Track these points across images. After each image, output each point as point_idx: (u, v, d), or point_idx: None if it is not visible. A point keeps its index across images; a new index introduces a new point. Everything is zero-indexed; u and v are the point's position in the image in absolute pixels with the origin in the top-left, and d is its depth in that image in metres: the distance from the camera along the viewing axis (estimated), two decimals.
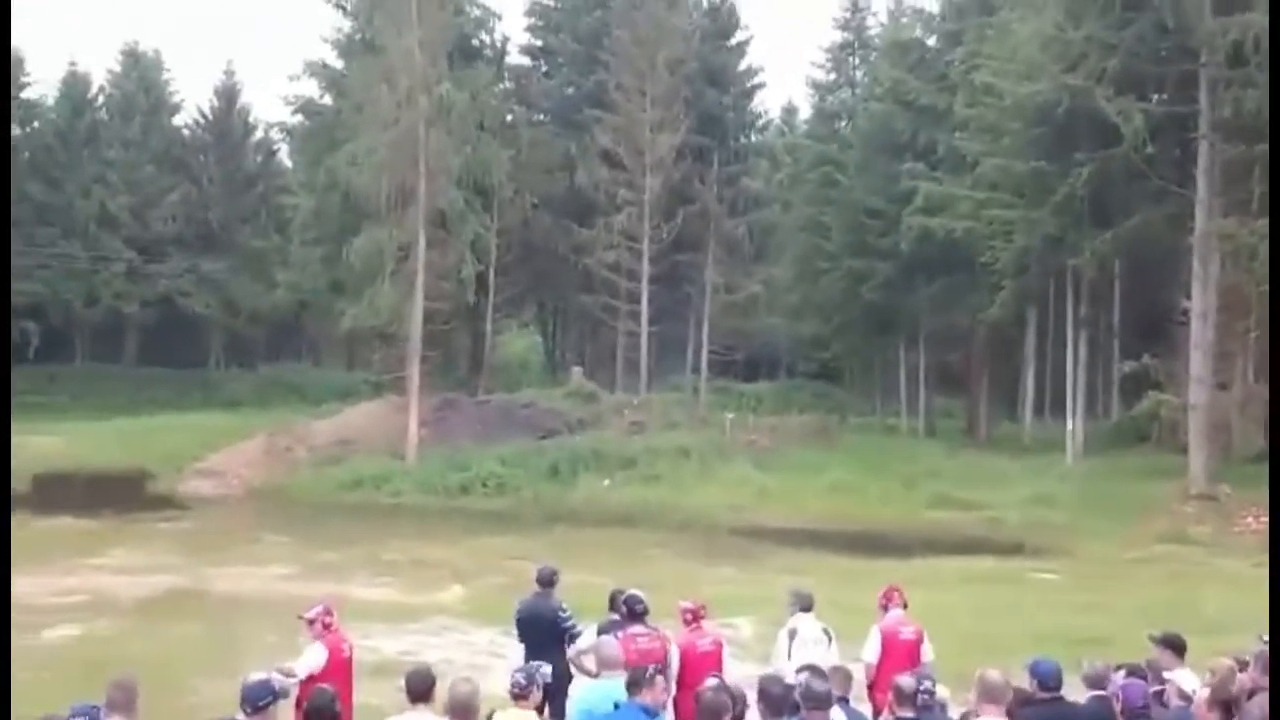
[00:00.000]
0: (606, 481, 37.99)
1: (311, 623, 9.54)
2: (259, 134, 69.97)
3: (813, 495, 35.20)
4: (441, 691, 7.04)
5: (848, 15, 60.39)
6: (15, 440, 40.87)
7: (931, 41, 50.09)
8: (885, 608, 10.67)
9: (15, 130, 60.59)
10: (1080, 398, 39.77)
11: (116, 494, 37.65)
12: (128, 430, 46.42)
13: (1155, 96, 34.28)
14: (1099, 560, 26.84)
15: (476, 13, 53.86)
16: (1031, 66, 36.80)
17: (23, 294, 54.37)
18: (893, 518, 32.69)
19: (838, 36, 60.66)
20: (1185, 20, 31.44)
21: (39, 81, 64.75)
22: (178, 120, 69.63)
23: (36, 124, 64.61)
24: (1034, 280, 40.37)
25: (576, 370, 51.08)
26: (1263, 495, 24.30)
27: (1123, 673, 8.05)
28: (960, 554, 26.99)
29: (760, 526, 32.63)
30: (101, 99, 66.84)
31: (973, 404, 50.54)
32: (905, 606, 10.67)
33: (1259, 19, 29.50)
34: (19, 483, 36.47)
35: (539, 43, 60.74)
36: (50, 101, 65.19)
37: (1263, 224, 29.02)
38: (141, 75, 67.30)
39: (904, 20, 54.41)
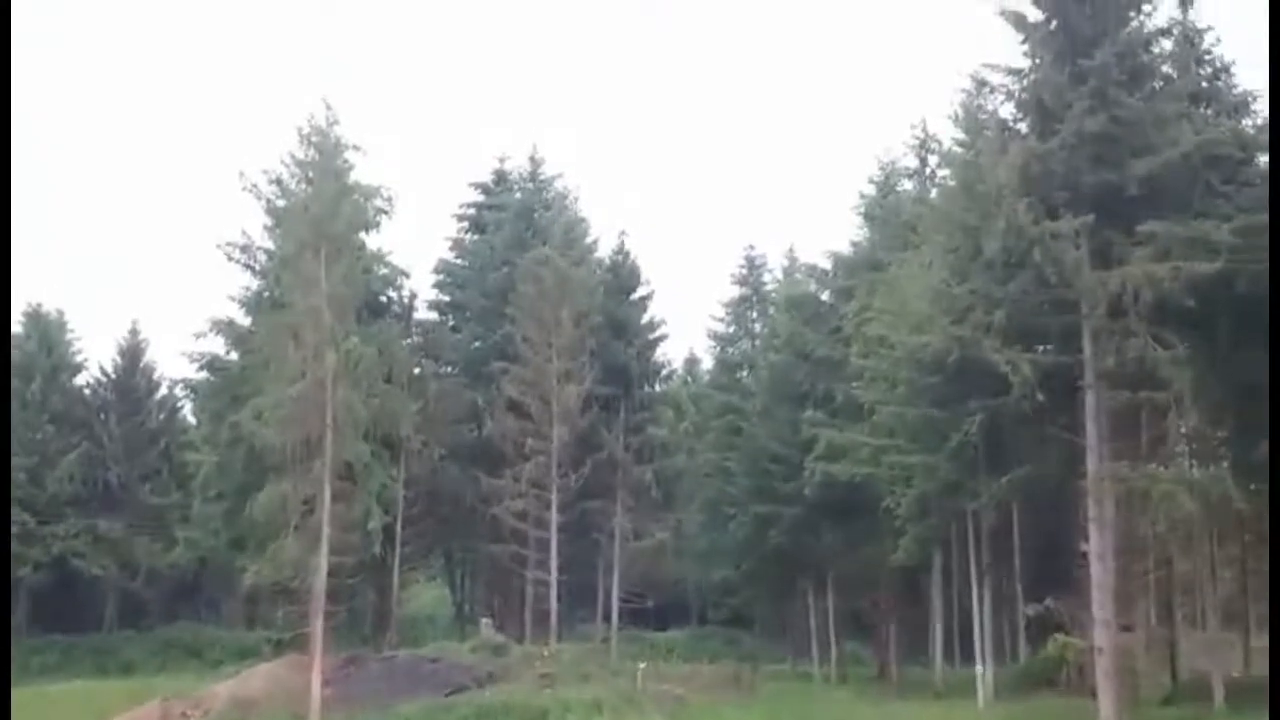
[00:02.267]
0: None
1: None
2: (162, 391, 69.75)
3: None
4: None
5: (745, 272, 62.92)
6: None
7: (825, 296, 52.11)
8: None
9: None
10: (988, 641, 40.03)
11: None
12: (15, 701, 44.38)
13: (1041, 347, 35.64)
14: None
15: (384, 271, 55.02)
16: (921, 319, 38.18)
17: None
18: None
19: (735, 291, 63.05)
20: (1065, 275, 33.00)
21: None
22: (79, 379, 69.27)
23: None
24: (935, 524, 40.96)
25: (485, 622, 50.37)
26: None
27: None
28: None
29: None
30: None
31: (882, 648, 50.54)
32: None
33: (1135, 272, 31.25)
34: None
35: (446, 298, 62.14)
36: None
37: (1153, 468, 30.11)
38: (43, 335, 67.19)
39: (798, 276, 56.79)
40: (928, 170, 48.89)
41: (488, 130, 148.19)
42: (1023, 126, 37.01)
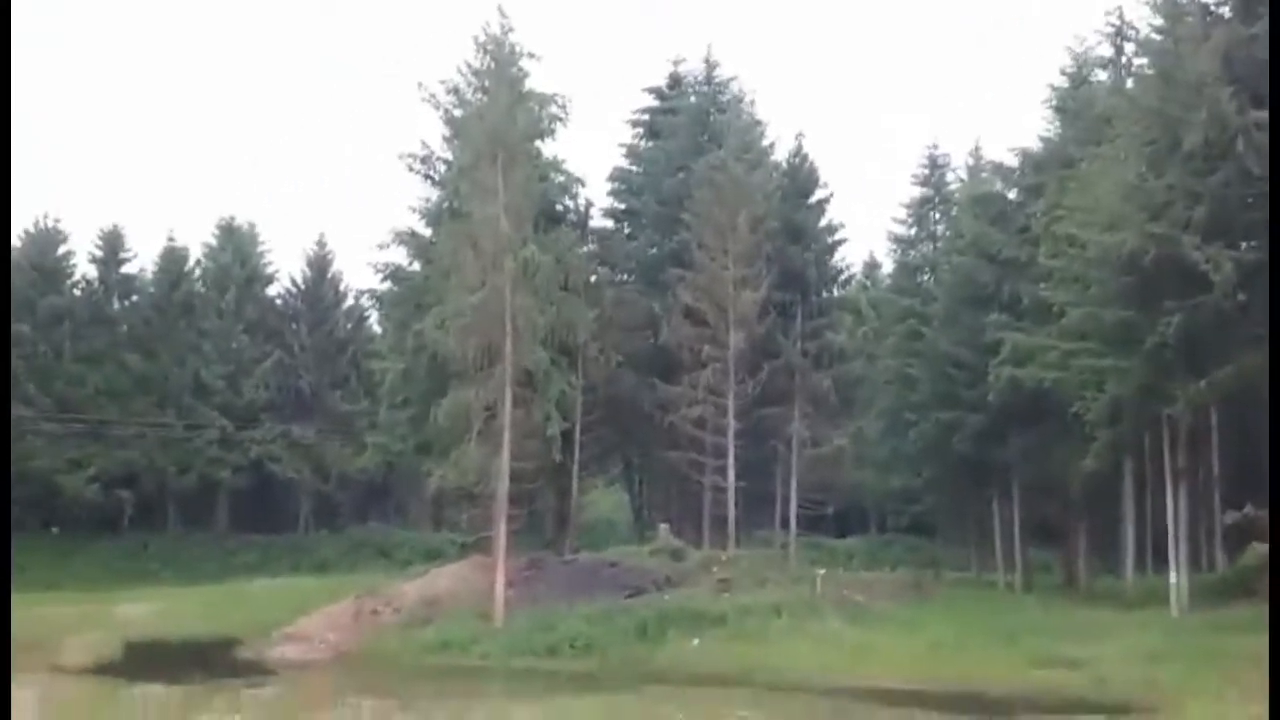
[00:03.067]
0: (695, 641, 37.27)
1: None
2: (349, 301, 71.74)
3: (910, 653, 34.13)
4: None
5: (926, 172, 61.08)
6: (112, 609, 41.46)
7: (1012, 194, 50.21)
8: None
9: (115, 304, 62.71)
10: (1183, 550, 38.45)
11: (206, 660, 37.75)
12: (218, 597, 46.76)
13: (1244, 243, 33.81)
14: None
15: (560, 179, 54.98)
16: (1115, 217, 36.55)
17: (119, 463, 55.47)
18: (994, 676, 31.51)
19: (917, 192, 61.31)
20: (1270, 166, 31.19)
21: (137, 255, 67.21)
22: (271, 290, 71.68)
23: (135, 297, 66.80)
24: (1128, 430, 39.39)
25: (663, 527, 50.71)
26: None
27: None
28: (1065, 714, 25.89)
29: (856, 687, 31.66)
30: (198, 272, 69.09)
31: (1070, 557, 49.26)
32: None
33: None
34: (113, 651, 36.76)
35: (621, 205, 61.96)
36: (149, 275, 67.46)
37: None
38: (236, 248, 69.63)
39: (983, 175, 54.81)
40: (1123, 59, 46.30)
41: (662, 34, 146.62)
42: (1225, 11, 35.15)
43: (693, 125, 59.69)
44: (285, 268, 72.98)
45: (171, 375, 62.83)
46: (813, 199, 57.21)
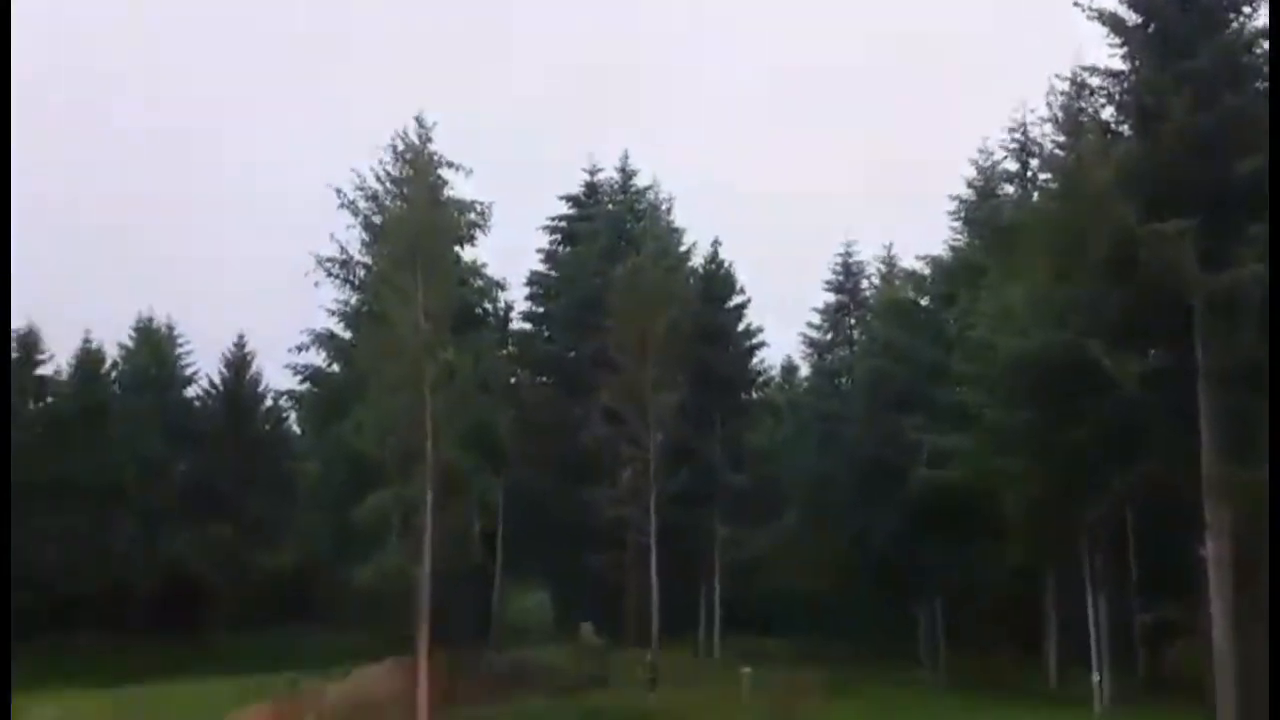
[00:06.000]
0: None
1: None
2: (268, 403, 71.27)
3: None
4: None
5: (840, 279, 62.72)
6: (22, 715, 40.31)
7: (924, 301, 51.76)
8: None
9: (30, 406, 61.76)
10: (1104, 649, 39.39)
11: None
12: (131, 700, 45.58)
13: (1151, 351, 35.20)
14: None
15: (480, 283, 55.55)
16: (1025, 323, 37.98)
17: (29, 566, 54.20)
18: None
19: (831, 298, 62.89)
20: (1173, 276, 32.57)
21: (53, 356, 66.36)
22: (189, 391, 71.04)
23: (50, 399, 65.86)
24: (1046, 531, 40.43)
25: (586, 626, 50.69)
26: None
27: None
28: None
29: None
30: (114, 374, 68.39)
31: (994, 655, 49.93)
32: None
33: (1244, 272, 30.84)
34: None
35: (539, 309, 62.67)
36: (64, 377, 66.62)
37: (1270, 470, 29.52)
38: (153, 349, 69.00)
39: (896, 282, 56.45)
40: (1028, 174, 48.40)
41: (577, 143, 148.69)
42: (1124, 128, 36.87)
43: (610, 231, 60.77)
44: (204, 367, 72.37)
45: (85, 480, 61.78)
46: (730, 303, 58.31)
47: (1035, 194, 46.07)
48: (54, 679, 50.94)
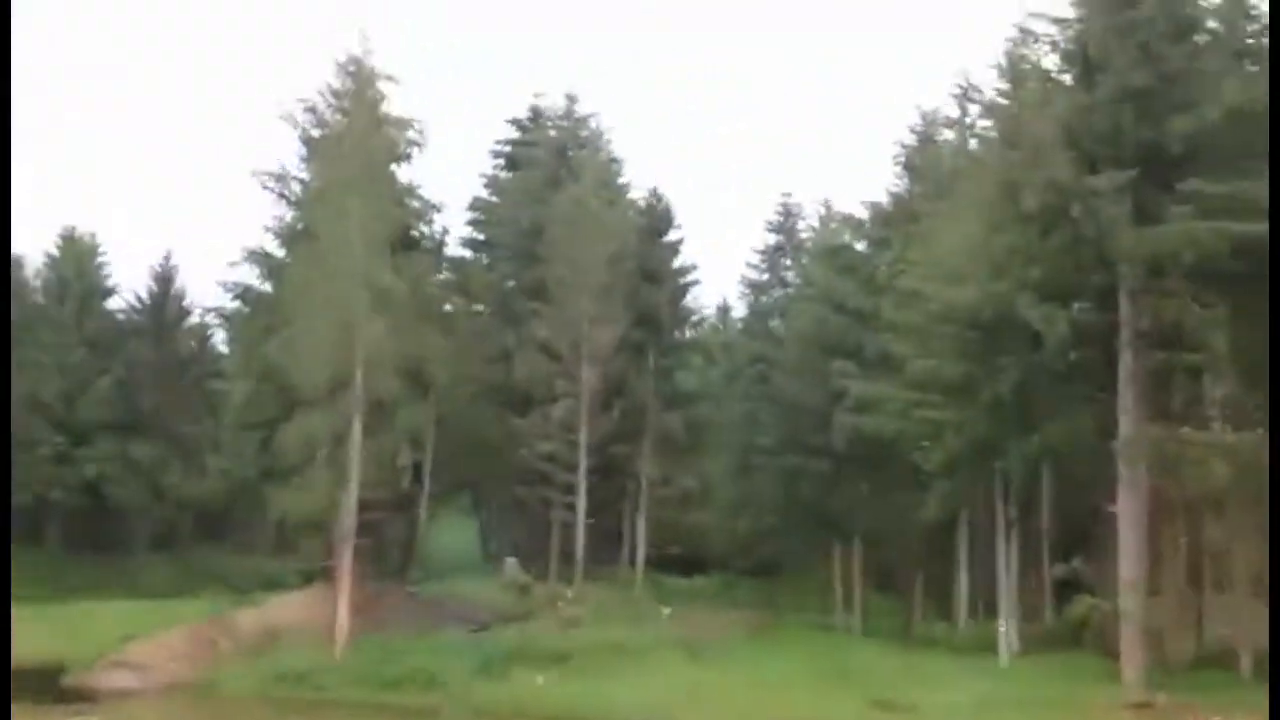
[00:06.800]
0: (540, 679, 37.29)
1: None
2: (194, 319, 70.09)
3: (750, 693, 34.76)
4: None
5: (780, 220, 62.50)
6: None
7: (860, 246, 51.61)
8: None
9: None
10: (1012, 599, 39.96)
11: (29, 686, 36.29)
12: (45, 619, 45.01)
13: (1077, 305, 35.27)
14: None
15: (416, 204, 54.67)
16: (956, 273, 37.89)
17: None
18: (833, 716, 32.31)
19: (770, 239, 62.67)
20: (1104, 232, 32.55)
21: None
22: (113, 304, 69.68)
23: None
24: (964, 481, 40.76)
25: (510, 561, 50.71)
26: (1200, 702, 24.35)
27: None
28: None
29: None
30: (37, 282, 66.90)
31: (908, 603, 50.55)
32: None
33: (1175, 231, 30.86)
34: None
35: (480, 236, 61.93)
36: None
37: (1186, 432, 29.83)
38: (77, 259, 67.55)
39: (833, 225, 56.24)
40: (968, 121, 48.16)
41: (523, 72, 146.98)
42: (1066, 78, 36.56)
43: (552, 158, 59.93)
44: (130, 284, 70.96)
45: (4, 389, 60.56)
46: (668, 238, 57.95)
47: (974, 142, 45.85)
48: None
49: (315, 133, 49.45)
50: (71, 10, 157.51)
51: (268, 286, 53.70)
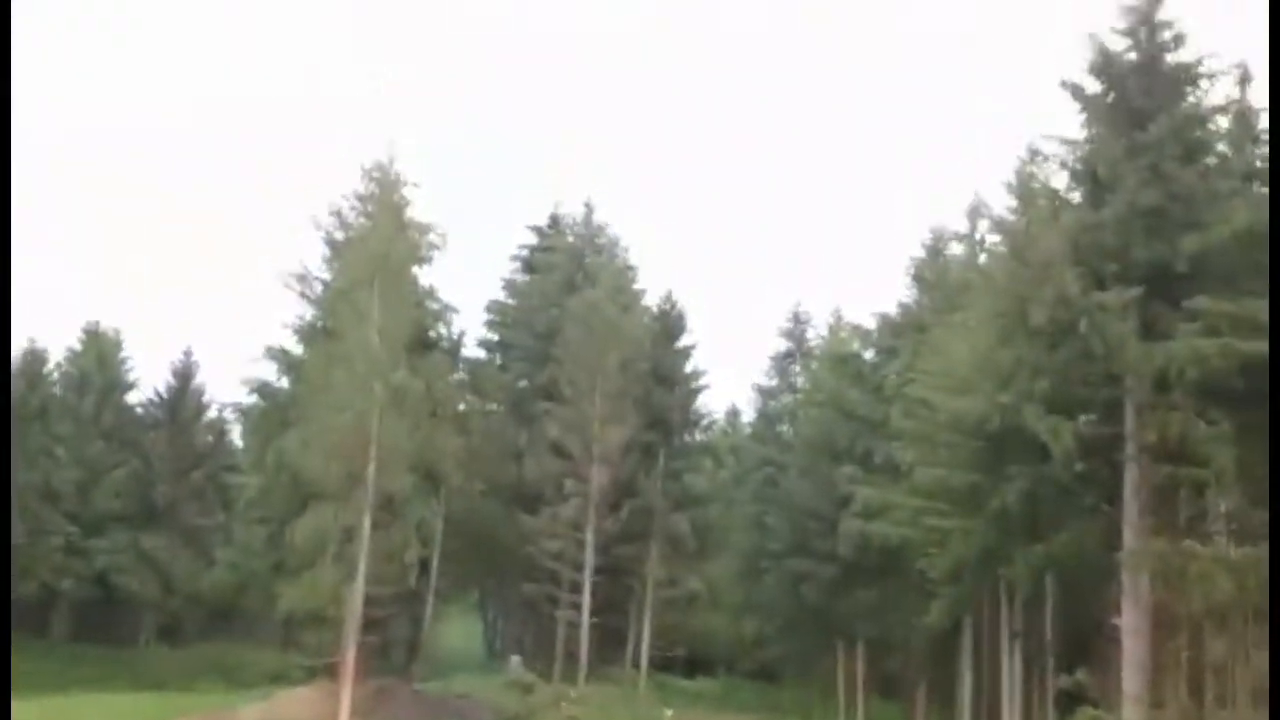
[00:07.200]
0: None
1: None
2: (211, 414, 70.81)
3: None
4: None
5: (790, 327, 63.35)
6: None
7: (869, 355, 52.25)
8: None
9: None
10: (1016, 709, 39.80)
11: None
12: (50, 711, 44.97)
13: (1083, 418, 35.59)
14: None
15: (435, 306, 55.65)
16: (964, 383, 38.31)
17: None
18: None
19: (780, 345, 63.43)
20: (1111, 348, 33.03)
21: None
22: (132, 398, 70.48)
23: None
24: (969, 589, 40.83)
25: (515, 660, 50.63)
26: None
27: None
28: None
29: None
30: (57, 375, 67.79)
31: (910, 709, 50.30)
32: None
33: (1182, 347, 31.34)
34: None
35: (495, 337, 62.82)
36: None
37: (1191, 546, 30.05)
38: (98, 353, 68.48)
39: (843, 334, 56.98)
40: (978, 236, 49.05)
41: (543, 181, 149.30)
42: (1075, 196, 37.27)
43: (569, 264, 61.07)
44: (149, 379, 71.87)
45: (19, 479, 61.05)
46: (680, 344, 58.64)
47: (984, 256, 46.60)
48: None
49: (339, 235, 50.57)
50: (102, 105, 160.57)
51: (285, 383, 54.48)
